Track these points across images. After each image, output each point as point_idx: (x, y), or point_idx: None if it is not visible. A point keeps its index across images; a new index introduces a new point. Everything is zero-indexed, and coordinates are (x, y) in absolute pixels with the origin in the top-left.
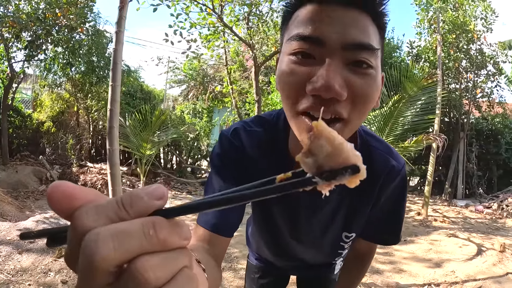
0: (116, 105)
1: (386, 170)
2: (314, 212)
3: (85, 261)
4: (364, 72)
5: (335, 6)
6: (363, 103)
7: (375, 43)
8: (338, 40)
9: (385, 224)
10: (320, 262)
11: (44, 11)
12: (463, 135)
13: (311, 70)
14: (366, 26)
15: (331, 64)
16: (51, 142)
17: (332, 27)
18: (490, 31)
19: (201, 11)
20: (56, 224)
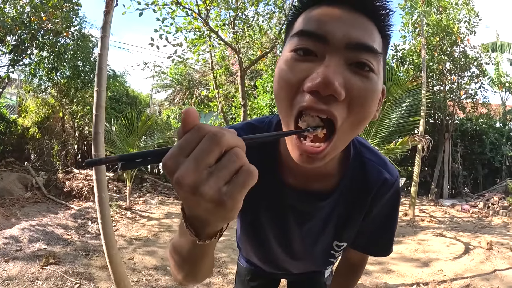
0: (101, 111)
1: (379, 182)
2: (304, 221)
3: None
4: (365, 74)
5: (343, 8)
6: (360, 107)
7: (379, 48)
8: (343, 38)
9: (377, 236)
10: (310, 270)
11: (29, 14)
12: (448, 136)
13: (311, 67)
14: (371, 30)
15: (333, 61)
16: (36, 148)
17: (337, 25)
18: (473, 34)
19: (187, 16)
20: (43, 232)
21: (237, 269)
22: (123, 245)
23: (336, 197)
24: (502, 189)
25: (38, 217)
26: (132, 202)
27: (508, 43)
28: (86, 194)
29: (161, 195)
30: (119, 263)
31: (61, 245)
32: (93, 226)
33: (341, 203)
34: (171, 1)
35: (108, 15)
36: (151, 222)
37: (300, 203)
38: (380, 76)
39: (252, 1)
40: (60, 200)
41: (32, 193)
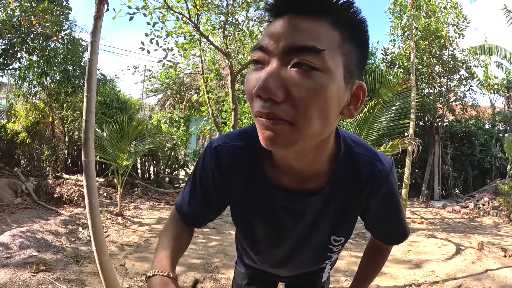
0: (91, 116)
1: (373, 175)
2: (297, 219)
3: None
4: (305, 74)
5: (290, 16)
6: (304, 105)
7: (324, 45)
8: (279, 45)
9: (388, 226)
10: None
11: (19, 18)
12: (438, 138)
13: (260, 75)
14: (316, 29)
15: (270, 66)
16: (26, 154)
17: (278, 35)
18: (462, 37)
19: (178, 20)
20: (33, 239)
21: (234, 274)
22: (114, 251)
23: (327, 193)
24: (492, 189)
25: (28, 223)
26: (123, 207)
27: (496, 46)
28: (77, 199)
29: (152, 200)
30: (111, 270)
31: (52, 252)
32: (83, 232)
33: (335, 199)
34: (162, 6)
35: (98, 20)
36: (142, 228)
37: (291, 203)
38: (334, 70)
39: (242, 5)
40: (50, 206)
41: (22, 199)
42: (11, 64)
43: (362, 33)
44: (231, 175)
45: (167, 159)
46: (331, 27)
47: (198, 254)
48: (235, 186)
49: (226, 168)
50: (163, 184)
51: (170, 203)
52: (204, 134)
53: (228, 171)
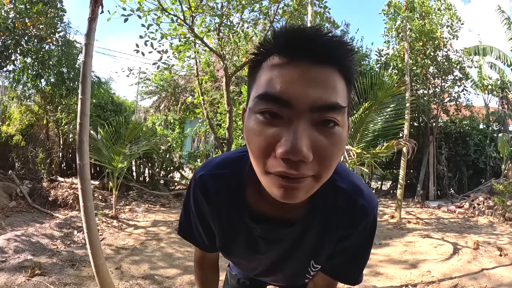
0: (85, 119)
1: (354, 211)
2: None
3: None
4: (330, 131)
5: (303, 62)
6: (329, 161)
7: (342, 100)
8: (306, 102)
9: (350, 263)
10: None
11: (13, 20)
12: (433, 139)
13: (279, 131)
14: (334, 83)
15: (300, 126)
16: (20, 156)
17: (300, 88)
18: (456, 38)
19: (172, 22)
20: (28, 242)
21: (226, 276)
22: (110, 254)
23: (304, 224)
24: (487, 189)
25: (23, 226)
26: (118, 210)
27: (490, 47)
28: (72, 203)
29: (147, 203)
30: (106, 273)
31: (47, 256)
32: (79, 235)
33: (313, 228)
34: (156, 8)
35: (93, 22)
36: (138, 231)
37: (268, 234)
38: (345, 124)
39: (237, 7)
40: (45, 209)
41: (17, 202)
42: (5, 66)
43: (354, 73)
44: (216, 202)
45: (162, 161)
46: (340, 76)
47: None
48: (219, 213)
49: (212, 196)
50: (158, 187)
51: (165, 206)
52: (199, 136)
53: (214, 198)
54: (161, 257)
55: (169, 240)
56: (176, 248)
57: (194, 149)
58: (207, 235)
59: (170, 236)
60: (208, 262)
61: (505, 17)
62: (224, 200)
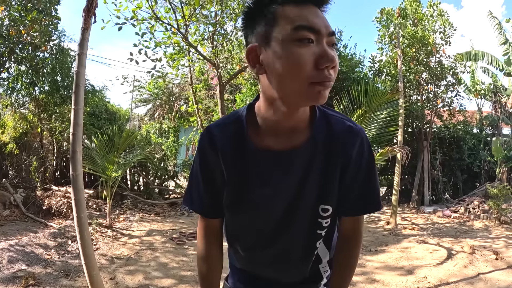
0: (79, 129)
1: (344, 129)
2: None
3: None
4: (335, 49)
5: (315, 7)
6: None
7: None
8: (325, 30)
9: (361, 190)
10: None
11: (7, 28)
12: (427, 144)
13: (314, 50)
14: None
15: (325, 45)
16: (14, 165)
17: (320, 20)
18: (448, 44)
19: (166, 31)
20: (22, 252)
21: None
22: (104, 265)
23: (307, 149)
24: (481, 193)
25: (17, 236)
26: (112, 219)
27: (482, 52)
28: (66, 211)
29: (141, 212)
30: (100, 284)
31: (41, 266)
32: (73, 245)
33: (316, 157)
34: (150, 16)
35: (86, 32)
36: (132, 240)
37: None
38: None
39: (231, 16)
40: (39, 218)
41: (11, 211)
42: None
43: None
44: (222, 147)
45: (157, 170)
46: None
47: (189, 266)
48: (225, 156)
49: (218, 141)
50: (152, 195)
51: (160, 215)
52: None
53: (220, 143)
54: (156, 267)
55: (164, 250)
56: (171, 257)
57: (189, 157)
58: (210, 192)
59: (165, 245)
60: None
61: (497, 23)
62: (229, 143)
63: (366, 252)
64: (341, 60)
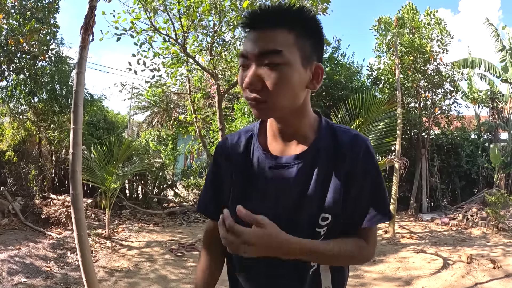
0: (78, 149)
1: (350, 138)
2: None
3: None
4: (273, 68)
5: (255, 31)
6: (276, 87)
7: (281, 45)
8: (253, 52)
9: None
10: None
11: (6, 37)
12: (425, 151)
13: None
14: (274, 35)
15: (250, 69)
16: (12, 173)
17: (251, 45)
18: (446, 52)
19: (165, 41)
20: (22, 264)
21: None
22: (104, 277)
23: (310, 156)
24: (480, 200)
25: (16, 245)
26: (111, 229)
27: (479, 59)
28: (64, 221)
29: (140, 222)
30: None
31: (41, 278)
32: (72, 257)
33: (319, 164)
34: (148, 28)
35: (83, 50)
36: (132, 252)
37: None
38: (293, 61)
39: (229, 27)
40: (37, 227)
41: (9, 219)
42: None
43: (314, 28)
44: (234, 152)
45: (155, 179)
46: (288, 31)
47: (188, 279)
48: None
49: (230, 147)
50: (151, 205)
51: (159, 225)
52: (192, 153)
53: (231, 149)
54: (156, 280)
55: (163, 262)
56: (170, 270)
57: (187, 166)
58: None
59: (164, 257)
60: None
61: (493, 30)
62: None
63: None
64: (339, 69)
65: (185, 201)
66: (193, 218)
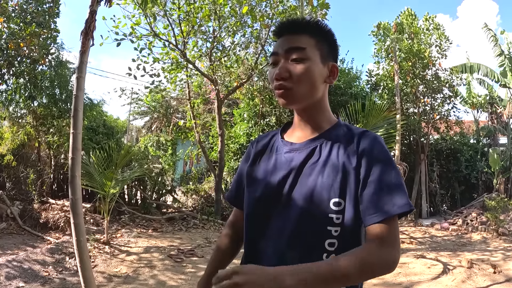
0: (77, 154)
1: (362, 130)
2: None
3: None
4: (297, 63)
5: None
6: (298, 77)
7: (305, 44)
8: (281, 50)
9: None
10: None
11: (6, 41)
12: (424, 156)
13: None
14: (299, 38)
15: (279, 63)
16: (11, 177)
17: (280, 45)
18: (444, 57)
19: (164, 46)
20: (20, 269)
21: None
22: (102, 283)
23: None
24: (479, 204)
25: (14, 250)
26: (110, 235)
27: (477, 64)
28: (63, 226)
29: (139, 227)
30: None
31: (39, 283)
32: (70, 262)
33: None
34: (148, 33)
35: (84, 55)
36: (130, 257)
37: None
38: (314, 58)
39: (229, 32)
40: (36, 232)
41: (7, 223)
42: None
43: (329, 36)
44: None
45: (155, 184)
46: (309, 36)
47: (188, 285)
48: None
49: (260, 138)
50: (150, 210)
51: (158, 230)
52: (191, 159)
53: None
54: (155, 285)
55: (162, 268)
56: (169, 275)
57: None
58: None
59: (163, 263)
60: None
61: (492, 35)
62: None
63: None
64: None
65: (184, 207)
66: (192, 223)
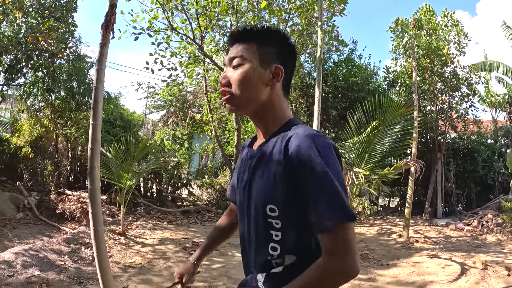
0: (97, 145)
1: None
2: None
3: None
4: (235, 69)
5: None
6: (237, 83)
7: (243, 52)
8: (227, 59)
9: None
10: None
11: (25, 35)
12: (441, 155)
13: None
14: (240, 46)
15: (224, 71)
16: (29, 168)
17: (228, 55)
18: (463, 54)
19: (182, 41)
20: (36, 257)
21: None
22: (118, 273)
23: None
24: (495, 206)
25: (30, 239)
26: (125, 226)
27: (496, 62)
28: (79, 216)
29: (155, 219)
30: None
31: (55, 272)
32: (86, 252)
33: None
34: (166, 27)
35: (104, 47)
36: (145, 249)
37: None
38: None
39: None
40: (52, 222)
41: (24, 214)
42: (15, 80)
43: (276, 40)
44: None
45: (170, 177)
46: (251, 43)
47: (201, 277)
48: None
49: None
50: (166, 203)
51: (173, 223)
52: (207, 153)
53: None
54: (169, 277)
55: (177, 260)
56: None
57: (202, 165)
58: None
59: (177, 255)
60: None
61: (511, 33)
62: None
63: (378, 266)
64: (355, 70)
65: (199, 200)
66: (207, 217)
